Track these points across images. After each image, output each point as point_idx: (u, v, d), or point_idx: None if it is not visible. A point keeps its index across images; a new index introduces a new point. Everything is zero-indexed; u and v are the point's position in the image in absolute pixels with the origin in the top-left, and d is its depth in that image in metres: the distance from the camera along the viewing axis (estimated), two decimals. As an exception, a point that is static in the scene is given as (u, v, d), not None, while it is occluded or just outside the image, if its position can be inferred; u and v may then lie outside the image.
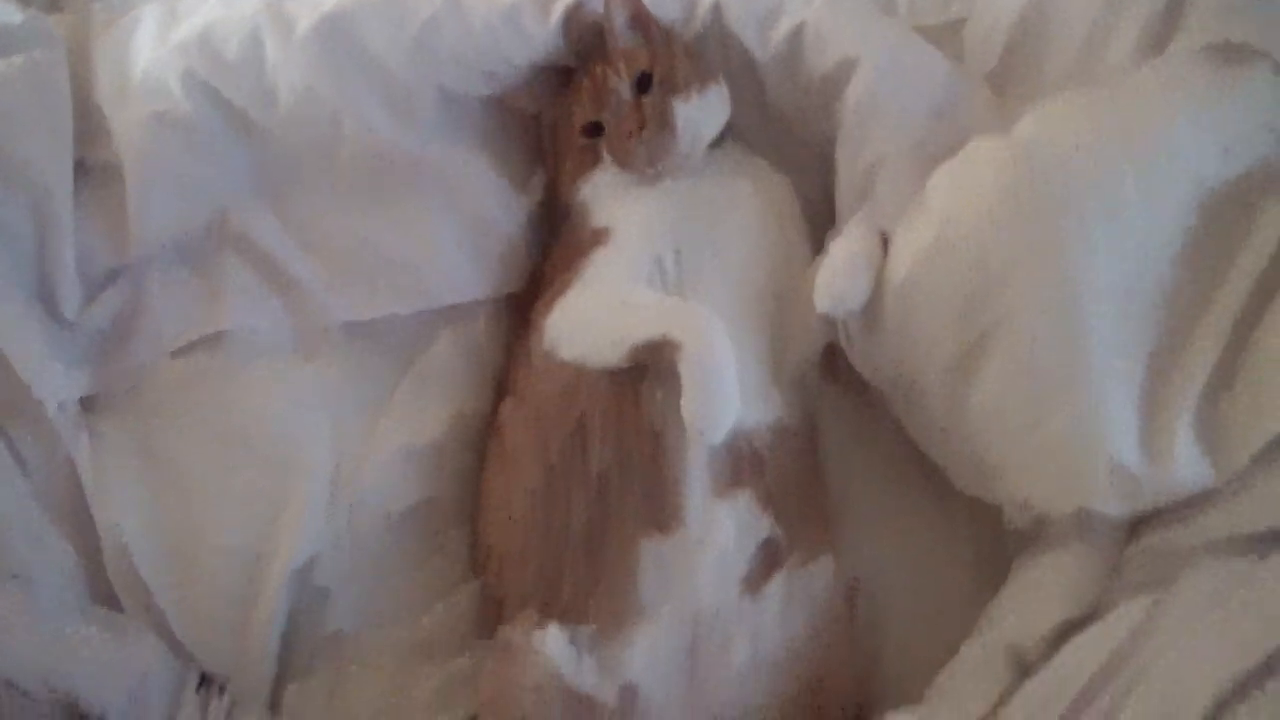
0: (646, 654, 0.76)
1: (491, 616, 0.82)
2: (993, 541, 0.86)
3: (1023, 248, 0.74)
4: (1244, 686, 0.65)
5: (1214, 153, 0.72)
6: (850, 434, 0.91)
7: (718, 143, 0.89)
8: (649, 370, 0.79)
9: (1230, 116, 0.73)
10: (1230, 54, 0.76)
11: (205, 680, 0.82)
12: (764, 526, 0.79)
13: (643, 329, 0.78)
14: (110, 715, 0.76)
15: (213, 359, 0.86)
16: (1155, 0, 0.81)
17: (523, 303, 0.90)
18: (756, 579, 0.79)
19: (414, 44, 0.87)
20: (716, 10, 0.89)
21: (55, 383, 0.82)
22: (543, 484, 0.79)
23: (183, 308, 0.87)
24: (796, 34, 0.87)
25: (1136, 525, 0.78)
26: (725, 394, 0.75)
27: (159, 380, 0.85)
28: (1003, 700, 0.75)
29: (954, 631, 0.81)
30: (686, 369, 0.75)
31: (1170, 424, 0.73)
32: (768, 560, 0.79)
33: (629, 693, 0.75)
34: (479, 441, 0.87)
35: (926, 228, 0.78)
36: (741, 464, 0.79)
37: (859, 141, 0.83)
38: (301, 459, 0.83)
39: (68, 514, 0.81)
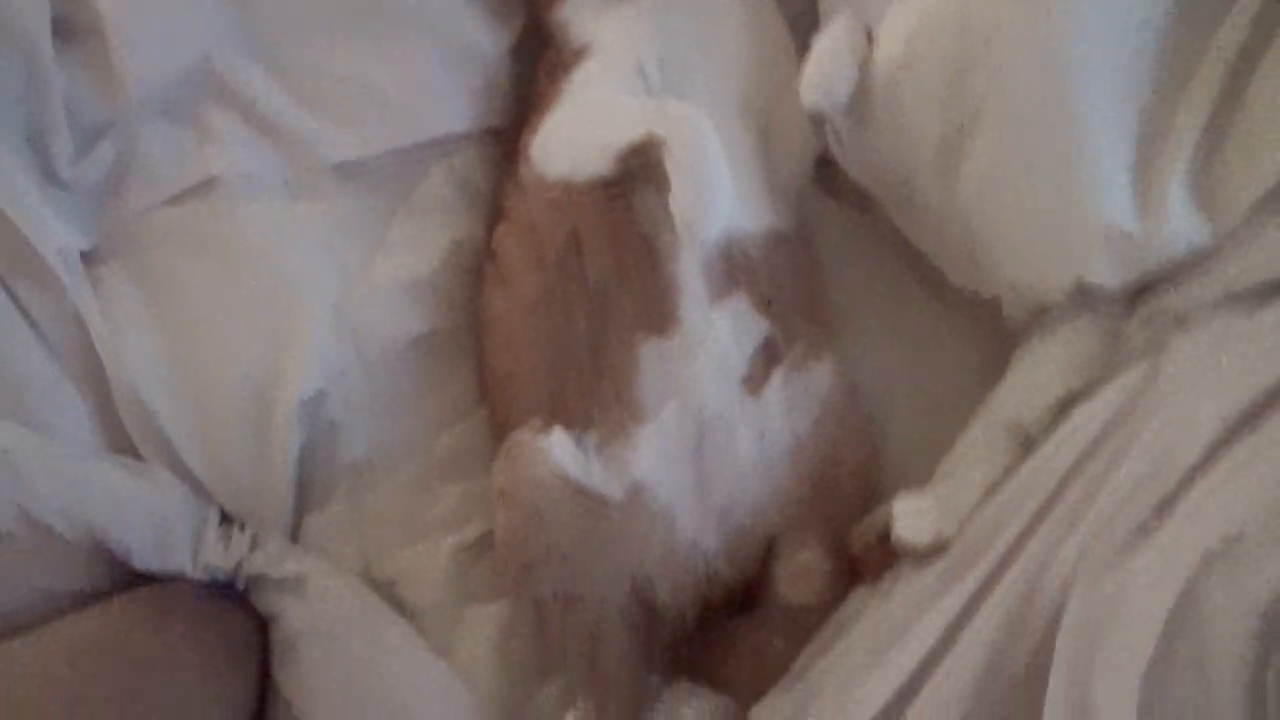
0: (652, 454, 0.77)
1: (501, 438, 0.83)
2: (994, 341, 0.86)
3: (1007, 16, 0.73)
4: (1245, 420, 0.65)
5: None
6: (848, 245, 0.91)
7: (697, -45, 0.88)
8: (639, 178, 0.78)
9: None
10: None
11: (226, 519, 0.84)
12: (761, 328, 0.80)
13: (626, 132, 0.77)
14: (135, 553, 0.79)
15: (207, 205, 0.86)
16: None
17: (511, 133, 0.90)
18: (757, 379, 0.80)
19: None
20: None
21: (55, 236, 0.83)
22: (540, 298, 0.80)
23: (174, 157, 0.87)
24: None
25: (1136, 297, 0.78)
26: (713, 186, 0.75)
27: (156, 228, 0.86)
28: (1008, 474, 0.76)
29: (957, 427, 0.81)
30: (673, 164, 0.74)
31: (1164, 182, 0.72)
32: (767, 361, 0.80)
33: (637, 490, 0.77)
34: (477, 270, 0.88)
35: (910, 11, 0.77)
36: (736, 269, 0.80)
37: (837, -63, 0.82)
38: (303, 292, 0.84)
39: (80, 366, 0.83)
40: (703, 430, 0.78)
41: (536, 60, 0.91)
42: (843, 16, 0.82)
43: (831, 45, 0.80)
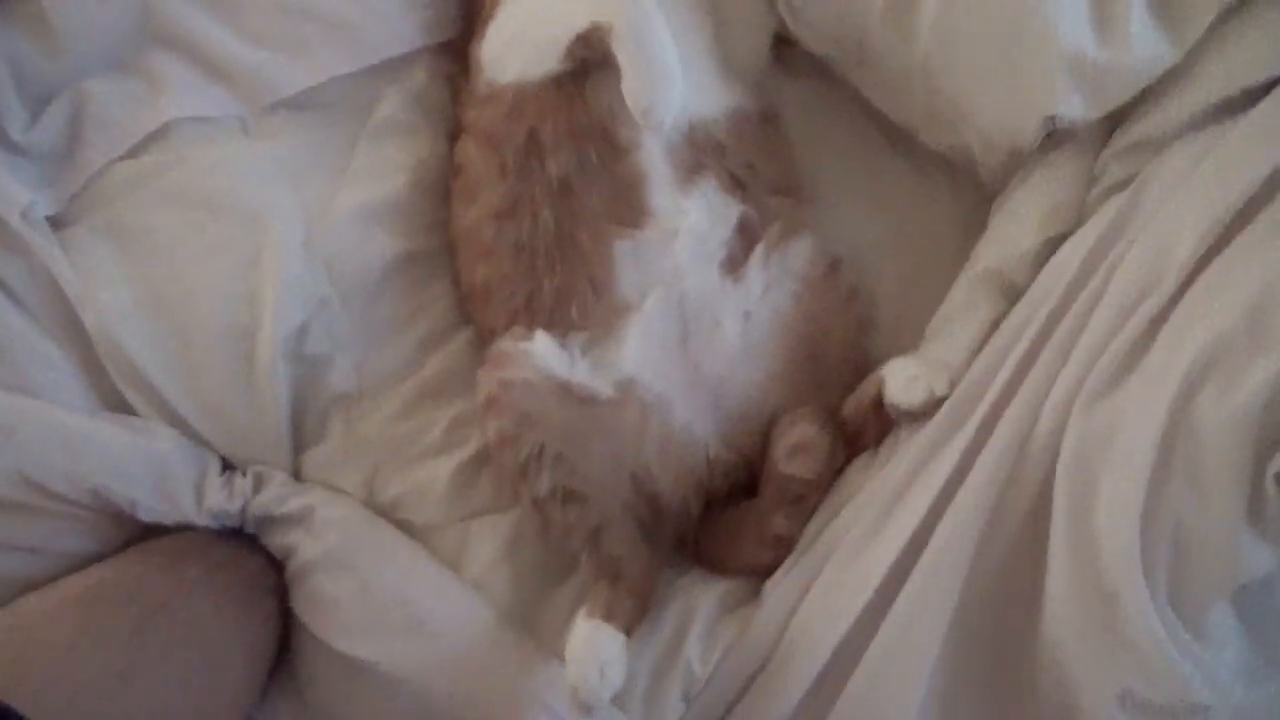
0: (638, 347, 0.77)
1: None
2: (972, 198, 0.85)
3: None
4: (1222, 233, 0.64)
5: None
6: (815, 120, 0.90)
7: None
8: (590, 70, 0.77)
9: None
10: None
11: (228, 466, 0.84)
12: (735, 210, 0.79)
13: (571, 24, 0.76)
14: (140, 506, 0.79)
15: (165, 153, 0.85)
16: None
17: (460, 46, 0.89)
18: (736, 261, 0.79)
19: None
20: None
21: (17, 200, 0.81)
22: (507, 202, 0.79)
23: (126, 109, 0.85)
24: None
25: (1109, 131, 0.76)
26: (665, 68, 0.73)
27: (118, 182, 0.84)
28: (995, 326, 0.75)
29: (941, 291, 0.81)
30: (620, 48, 0.73)
31: (1124, 1, 0.70)
32: (744, 242, 0.79)
33: (628, 384, 0.77)
34: (444, 188, 0.87)
35: None
36: (702, 152, 0.79)
37: None
38: (271, 228, 0.82)
39: (61, 327, 0.82)
40: (686, 317, 0.78)
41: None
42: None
43: (773, -87, 0.78)
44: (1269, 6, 0.69)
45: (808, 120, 0.89)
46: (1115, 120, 0.75)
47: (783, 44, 0.88)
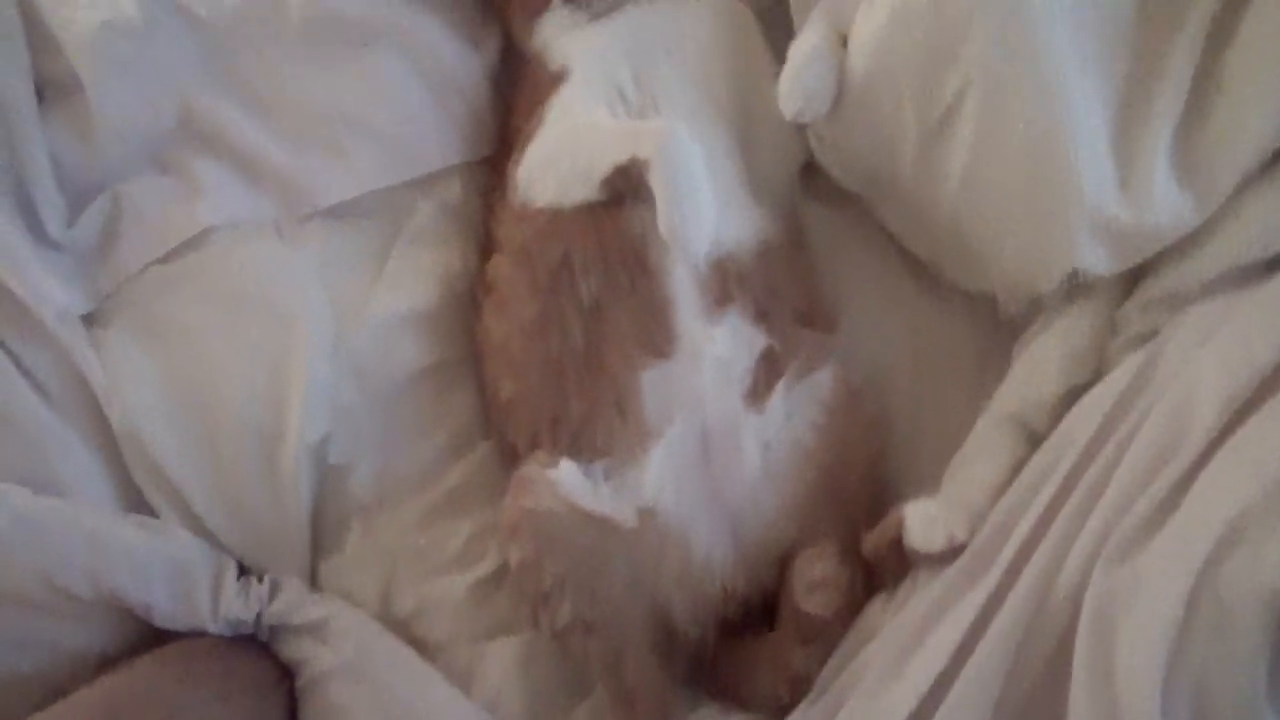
0: (660, 475, 0.78)
1: (509, 466, 0.83)
2: (990, 332, 0.86)
3: (977, 2, 0.73)
4: (1245, 400, 0.65)
5: None
6: (840, 246, 0.91)
7: (668, -29, 0.88)
8: (626, 197, 0.79)
9: None
10: None
11: (243, 570, 0.84)
12: (759, 340, 0.80)
13: (610, 155, 0.78)
14: (156, 611, 0.79)
15: (201, 256, 0.86)
16: None
17: (496, 159, 0.91)
18: (759, 391, 0.80)
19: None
20: None
21: (53, 298, 0.83)
22: (537, 320, 0.80)
23: (164, 213, 0.87)
24: None
25: (1130, 282, 0.78)
26: (698, 201, 0.75)
27: (152, 284, 0.86)
28: (1014, 474, 0.76)
29: (959, 423, 0.82)
30: (658, 183, 0.75)
31: (1147, 163, 0.72)
32: (768, 372, 0.80)
33: (648, 513, 0.77)
34: (473, 300, 0.88)
35: (880, 9, 0.77)
36: (730, 281, 0.80)
37: (805, -59, 0.82)
38: (301, 334, 0.83)
39: (87, 424, 0.83)
40: (708, 445, 0.79)
41: (515, 85, 0.92)
42: (815, 20, 0.83)
43: (807, 54, 0.80)
44: (1291, 176, 0.71)
45: (831, 245, 0.91)
46: (1138, 271, 0.77)
47: (809, 170, 0.90)
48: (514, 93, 0.91)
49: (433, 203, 0.90)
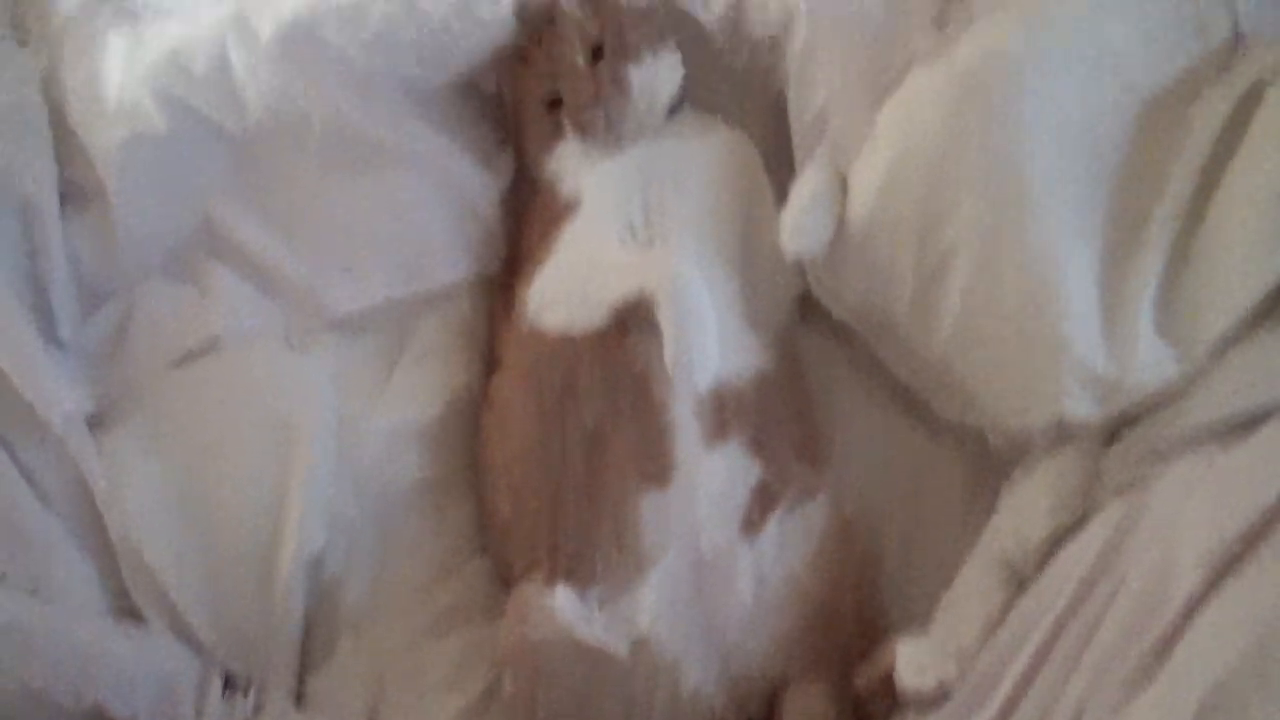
0: (653, 605, 0.78)
1: (503, 585, 0.84)
2: (980, 463, 0.88)
3: (972, 160, 0.77)
4: (1227, 560, 0.67)
5: (1141, 50, 0.75)
6: (832, 374, 0.93)
7: (675, 107, 0.92)
8: (631, 326, 0.81)
9: (1153, 15, 0.76)
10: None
11: (230, 681, 0.84)
12: (755, 471, 0.82)
13: (619, 287, 0.81)
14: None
15: (210, 363, 0.88)
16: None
17: (503, 278, 0.93)
18: (754, 522, 0.81)
19: (374, 40, 0.90)
20: (660, -18, 0.92)
21: (58, 399, 0.84)
22: (538, 442, 0.82)
23: (176, 318, 0.89)
24: (737, -1, 0.90)
25: (1115, 429, 0.80)
26: (705, 339, 0.78)
27: (160, 389, 0.87)
28: (1002, 615, 0.77)
29: (949, 554, 0.84)
30: (665, 318, 0.77)
31: (1132, 318, 0.75)
32: (763, 503, 0.82)
33: (641, 643, 0.77)
34: (474, 417, 0.90)
35: (880, 160, 0.81)
36: (728, 412, 0.82)
37: (808, 87, 0.86)
38: (304, 445, 0.85)
39: (83, 526, 0.83)
40: (702, 576, 0.79)
41: (526, 206, 0.95)
42: (817, 161, 0.87)
43: (809, 194, 0.84)
44: (1271, 335, 0.74)
45: (824, 373, 0.93)
46: (1124, 419, 0.79)
47: (804, 298, 0.92)
48: (525, 214, 0.94)
49: (440, 317, 0.93)
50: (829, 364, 0.93)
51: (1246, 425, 0.73)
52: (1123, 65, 0.76)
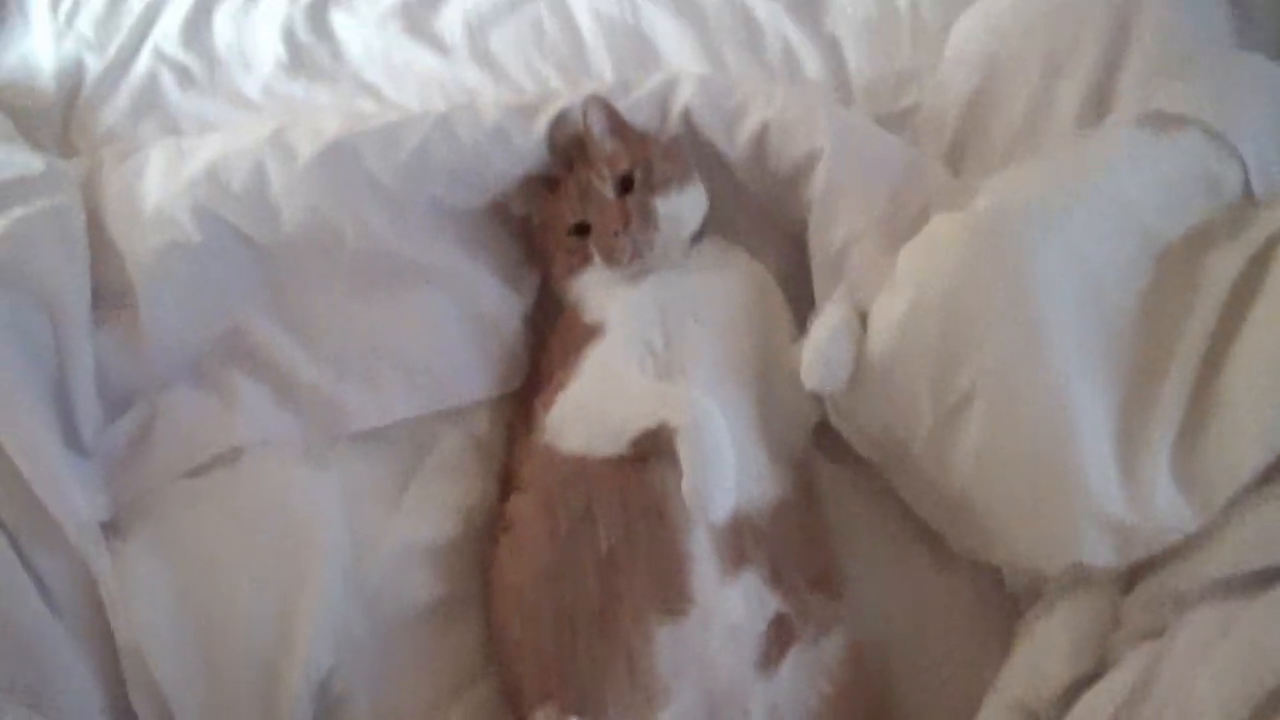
0: (666, 739, 0.77)
1: (511, 710, 0.83)
2: (995, 600, 0.88)
3: (990, 306, 0.79)
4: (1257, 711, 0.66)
5: (1156, 203, 0.78)
6: (848, 502, 0.93)
7: (698, 236, 0.95)
8: (651, 456, 0.82)
9: (1167, 170, 0.80)
10: (1164, 120, 0.82)
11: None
12: (772, 604, 0.81)
13: (640, 418, 0.81)
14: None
15: (229, 474, 0.88)
16: (1090, 75, 0.89)
17: (523, 398, 0.94)
18: (771, 657, 0.80)
19: (409, 163, 0.93)
20: (687, 115, 0.96)
21: (75, 505, 0.84)
22: (553, 569, 0.81)
23: (197, 427, 0.90)
24: (762, 132, 0.94)
25: (1133, 574, 0.80)
26: (723, 472, 0.78)
27: (178, 498, 0.87)
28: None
29: (962, 691, 0.82)
30: (685, 451, 0.78)
31: (1149, 467, 0.76)
32: (780, 639, 0.81)
33: (652, 779, 0.76)
34: (490, 535, 0.89)
35: (899, 301, 0.83)
36: (745, 543, 0.82)
37: (829, 225, 0.89)
38: (317, 562, 0.84)
39: (90, 634, 0.82)
40: (715, 708, 0.78)
41: (550, 328, 0.97)
42: (837, 298, 0.88)
43: (830, 330, 0.85)
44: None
45: (841, 502, 0.93)
46: (1142, 566, 0.79)
47: (822, 427, 0.93)
48: (549, 335, 0.96)
49: (459, 434, 0.93)
50: (845, 492, 0.94)
51: (1266, 578, 0.73)
52: (1138, 218, 0.79)
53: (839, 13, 1.10)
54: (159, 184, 0.97)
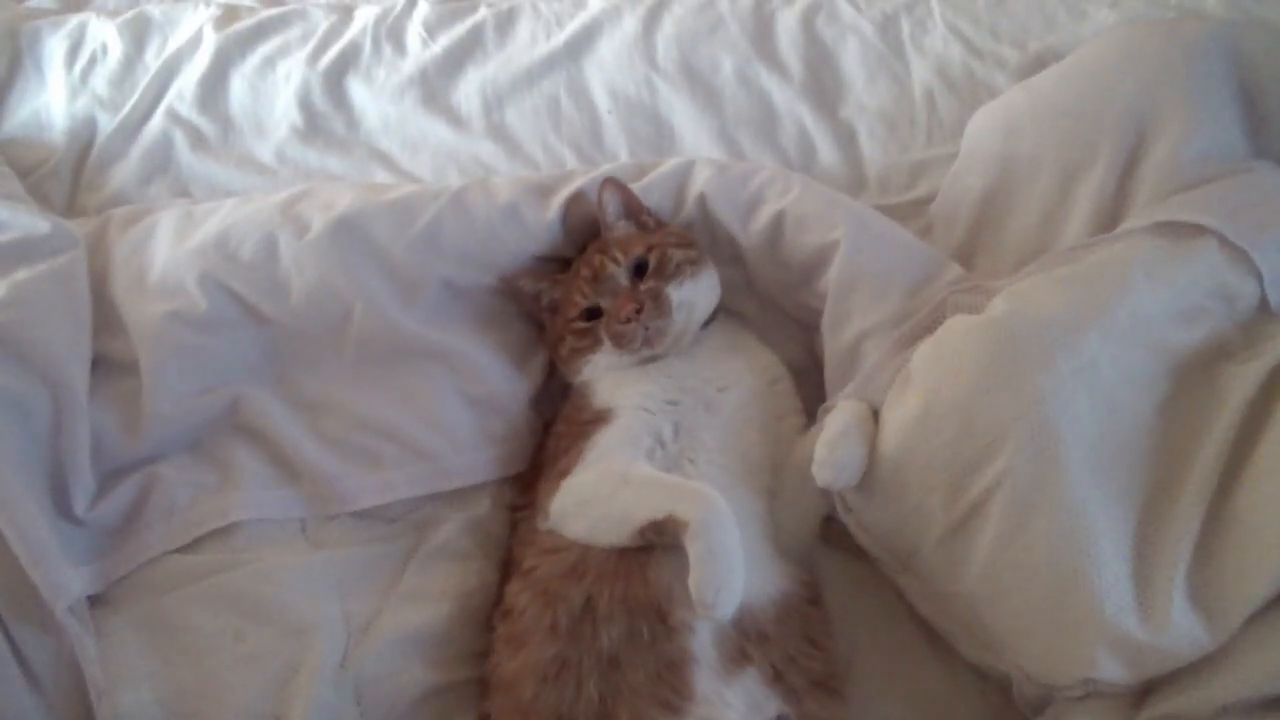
0: (663, 843, 0.75)
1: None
2: (1001, 706, 0.85)
3: (1006, 414, 0.77)
4: None
5: (1171, 315, 0.78)
6: (855, 596, 0.92)
7: (709, 322, 0.94)
8: (655, 548, 0.80)
9: (1182, 282, 0.79)
10: (1179, 230, 0.82)
11: None
12: (773, 705, 0.79)
13: (647, 508, 0.80)
14: None
15: (223, 552, 0.86)
16: (1106, 182, 0.89)
17: (526, 482, 0.93)
18: (771, 761, 0.78)
19: (420, 240, 0.92)
20: (702, 200, 0.96)
21: (64, 584, 0.81)
22: (554, 665, 0.79)
23: (193, 501, 0.88)
24: (777, 221, 0.93)
25: (1145, 691, 0.78)
26: (732, 571, 0.76)
27: (170, 575, 0.85)
28: None
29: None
30: (693, 547, 0.76)
31: (1164, 588, 0.74)
32: (780, 742, 0.79)
33: None
34: (487, 620, 0.87)
35: (913, 402, 0.82)
36: (749, 641, 0.80)
37: (842, 319, 0.88)
38: (310, 643, 0.82)
39: (70, 714, 0.79)
40: (714, 816, 0.76)
41: (557, 411, 0.95)
42: (850, 394, 0.87)
43: (842, 427, 0.84)
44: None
45: (847, 596, 0.91)
46: (1153, 683, 0.77)
47: (827, 521, 0.92)
48: (555, 418, 0.94)
49: (460, 516, 0.91)
50: (852, 586, 0.92)
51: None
52: (1153, 332, 0.78)
53: (855, 101, 1.11)
54: (167, 249, 0.96)
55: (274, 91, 1.19)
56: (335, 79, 1.19)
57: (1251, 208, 0.83)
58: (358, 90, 1.19)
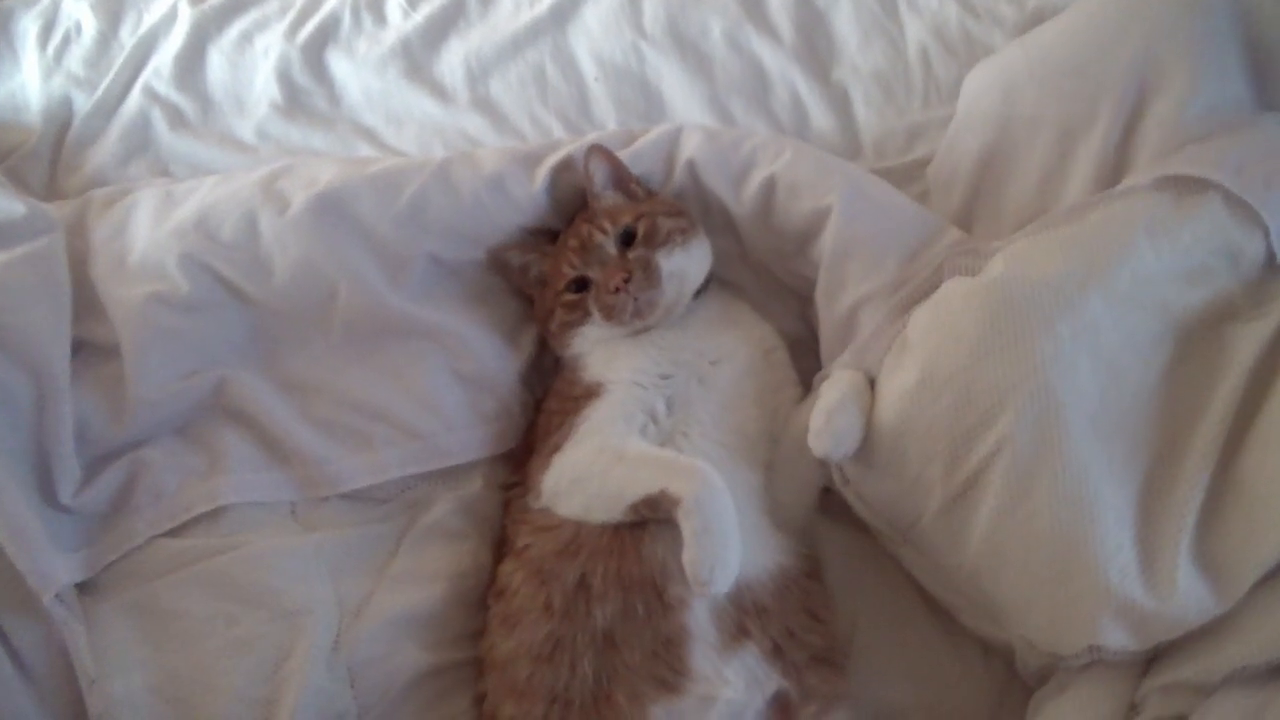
0: (662, 820, 0.73)
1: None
2: (1006, 676, 0.84)
3: (1005, 380, 0.75)
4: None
5: (1174, 274, 0.75)
6: (855, 567, 0.90)
7: (702, 292, 0.92)
8: (649, 524, 0.78)
9: (1186, 240, 0.77)
10: (1183, 185, 0.80)
11: None
12: (773, 680, 0.78)
13: (640, 484, 0.78)
14: None
15: (212, 535, 0.85)
16: (1107, 141, 0.86)
17: (518, 459, 0.91)
18: (771, 737, 0.77)
19: (405, 214, 0.90)
20: (691, 167, 0.93)
21: (51, 572, 0.80)
22: (548, 645, 0.78)
23: (181, 485, 0.86)
24: (768, 186, 0.91)
25: (1151, 658, 0.77)
26: (727, 547, 0.75)
27: (159, 559, 0.84)
28: None
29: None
30: (687, 523, 0.75)
31: (1170, 553, 0.73)
32: (781, 716, 0.77)
33: None
34: (479, 601, 0.86)
35: (911, 369, 0.79)
36: (747, 616, 0.79)
37: (837, 287, 0.86)
38: (303, 627, 0.81)
39: (60, 702, 0.78)
40: (713, 794, 0.75)
41: (547, 386, 0.94)
42: (845, 362, 0.85)
43: (838, 396, 0.82)
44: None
45: (847, 568, 0.90)
46: (1160, 650, 0.76)
47: (829, 493, 0.90)
48: (546, 393, 0.92)
49: (452, 496, 0.90)
50: (852, 559, 0.90)
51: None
52: (1156, 292, 0.76)
53: (849, 63, 1.08)
54: (147, 231, 0.94)
55: (253, 67, 1.16)
56: (315, 53, 1.16)
57: (1258, 162, 0.81)
58: (339, 63, 1.16)
